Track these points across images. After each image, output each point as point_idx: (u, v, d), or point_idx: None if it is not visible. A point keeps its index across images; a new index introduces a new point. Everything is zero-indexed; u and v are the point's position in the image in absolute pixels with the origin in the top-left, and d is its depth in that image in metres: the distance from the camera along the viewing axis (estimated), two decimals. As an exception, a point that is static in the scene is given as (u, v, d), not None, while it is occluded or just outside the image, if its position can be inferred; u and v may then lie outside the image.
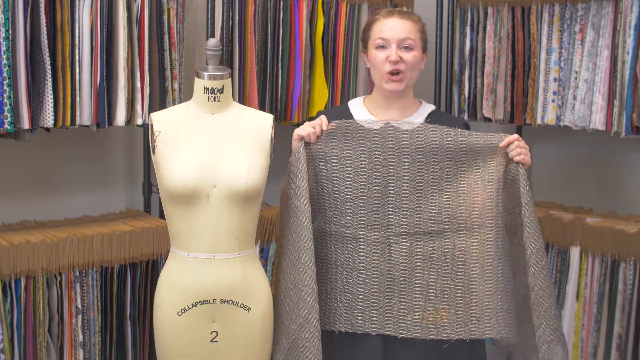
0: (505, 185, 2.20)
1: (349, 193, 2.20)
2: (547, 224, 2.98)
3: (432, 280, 2.18)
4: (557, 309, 2.20)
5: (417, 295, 2.19)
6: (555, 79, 3.01)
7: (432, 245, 2.18)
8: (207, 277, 2.10)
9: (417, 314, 2.18)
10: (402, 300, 2.19)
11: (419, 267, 2.19)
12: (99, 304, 2.54)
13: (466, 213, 2.18)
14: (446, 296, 2.18)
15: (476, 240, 2.17)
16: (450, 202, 2.18)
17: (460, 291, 2.18)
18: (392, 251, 2.19)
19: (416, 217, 2.19)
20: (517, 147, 2.16)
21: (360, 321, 2.21)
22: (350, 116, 2.31)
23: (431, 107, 2.36)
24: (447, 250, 2.18)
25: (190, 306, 2.10)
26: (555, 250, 2.97)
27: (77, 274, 2.49)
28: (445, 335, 2.18)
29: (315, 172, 2.22)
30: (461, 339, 2.19)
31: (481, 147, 2.17)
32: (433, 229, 2.18)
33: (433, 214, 2.18)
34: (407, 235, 2.19)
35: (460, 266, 2.18)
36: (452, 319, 2.18)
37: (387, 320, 2.20)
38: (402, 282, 2.19)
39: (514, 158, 2.16)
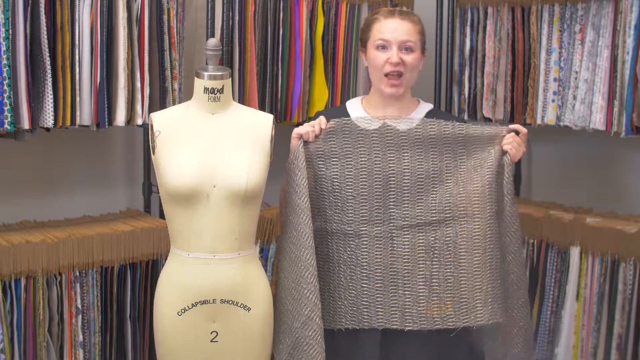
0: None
1: (350, 190, 2.20)
2: (547, 224, 2.98)
3: (435, 270, 2.19)
4: (527, 298, 2.30)
5: (421, 287, 2.19)
6: (555, 79, 3.01)
7: (434, 235, 2.20)
8: (207, 277, 2.10)
9: (422, 305, 2.19)
10: (406, 293, 2.20)
11: (422, 259, 2.20)
12: (99, 304, 2.54)
13: (466, 200, 2.19)
14: (450, 285, 2.19)
15: (478, 226, 2.18)
16: (450, 191, 2.20)
17: (464, 279, 2.19)
18: (394, 245, 2.20)
19: (418, 209, 2.20)
20: (512, 139, 2.20)
21: (366, 317, 2.21)
22: (347, 117, 2.31)
23: (429, 107, 2.36)
24: (449, 238, 2.19)
25: (190, 306, 2.10)
26: (555, 250, 2.97)
27: (77, 274, 2.49)
28: (451, 324, 2.19)
29: (314, 171, 2.23)
30: (468, 325, 2.19)
31: (479, 137, 2.21)
32: (434, 218, 2.20)
33: (434, 205, 2.20)
34: (409, 228, 2.20)
35: (463, 254, 2.19)
36: (457, 307, 2.18)
37: (392, 314, 2.20)
38: (405, 275, 2.20)
39: (504, 147, 2.20)
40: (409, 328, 2.19)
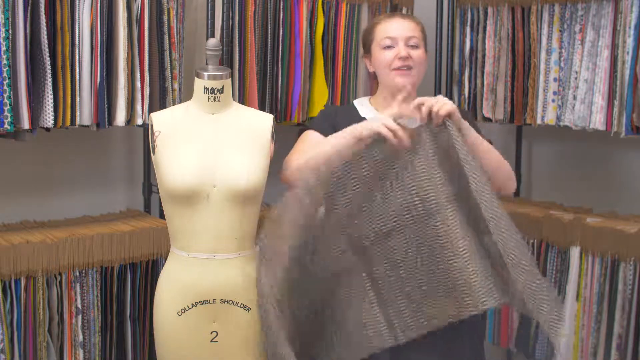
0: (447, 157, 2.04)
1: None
2: (547, 224, 2.98)
3: (431, 272, 2.11)
4: (531, 257, 2.05)
5: (424, 292, 2.14)
6: (555, 79, 3.01)
7: (415, 238, 2.05)
8: (207, 277, 2.10)
9: (427, 309, 2.14)
10: (411, 299, 2.16)
11: (411, 264, 2.12)
12: (99, 304, 2.54)
13: (434, 192, 2.02)
14: (448, 280, 2.02)
15: (450, 213, 2.01)
16: (416, 190, 2.03)
17: (456, 270, 2.02)
18: (387, 257, 2.12)
19: (384, 216, 2.07)
20: (433, 104, 1.99)
21: (376, 341, 2.10)
22: (356, 113, 2.31)
23: None
24: (429, 234, 2.03)
25: (190, 306, 2.10)
26: (555, 250, 2.97)
27: (77, 274, 2.49)
28: (463, 314, 2.04)
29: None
30: (476, 313, 2.10)
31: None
32: (409, 219, 2.05)
33: (402, 205, 2.05)
34: (383, 239, 2.09)
35: (447, 245, 2.02)
36: (460, 298, 2.06)
37: (409, 324, 2.10)
38: (407, 283, 2.15)
39: (440, 113, 1.98)
40: (422, 332, 2.11)
